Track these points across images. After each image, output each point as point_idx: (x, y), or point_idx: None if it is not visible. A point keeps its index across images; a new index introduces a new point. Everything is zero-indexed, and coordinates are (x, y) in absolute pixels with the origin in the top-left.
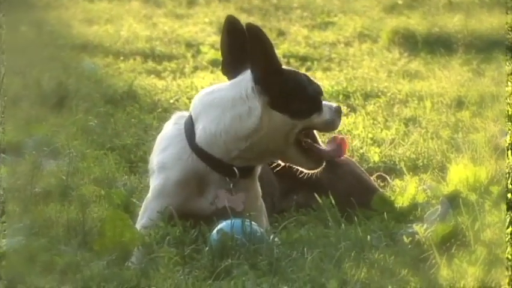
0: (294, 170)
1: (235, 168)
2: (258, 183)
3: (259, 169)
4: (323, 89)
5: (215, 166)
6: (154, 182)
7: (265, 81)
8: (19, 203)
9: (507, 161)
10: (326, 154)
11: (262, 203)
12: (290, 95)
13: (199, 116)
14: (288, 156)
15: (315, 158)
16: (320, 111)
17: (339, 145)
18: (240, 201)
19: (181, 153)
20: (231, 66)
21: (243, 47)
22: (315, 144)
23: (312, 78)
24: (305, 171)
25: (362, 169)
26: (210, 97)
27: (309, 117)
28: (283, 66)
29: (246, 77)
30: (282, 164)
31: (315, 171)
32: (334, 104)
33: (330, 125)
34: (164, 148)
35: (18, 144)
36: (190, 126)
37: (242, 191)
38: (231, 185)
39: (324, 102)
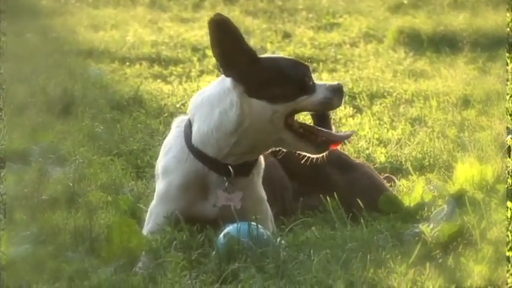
0: (308, 171)
1: (230, 167)
2: (261, 188)
3: (260, 169)
4: (310, 69)
5: (211, 166)
6: (158, 187)
7: (237, 71)
8: (26, 211)
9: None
10: (332, 136)
11: (267, 207)
12: (266, 81)
13: (194, 117)
14: (285, 143)
15: (315, 142)
16: (310, 93)
17: (350, 131)
18: (238, 199)
19: (180, 156)
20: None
21: (234, 43)
22: (319, 128)
23: (299, 61)
24: (309, 155)
25: (377, 173)
26: (201, 97)
27: (294, 100)
28: (264, 55)
29: None
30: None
31: (320, 155)
32: (333, 83)
33: (326, 105)
34: (167, 152)
35: (24, 151)
36: (188, 128)
37: (240, 189)
38: (226, 184)
39: (320, 82)
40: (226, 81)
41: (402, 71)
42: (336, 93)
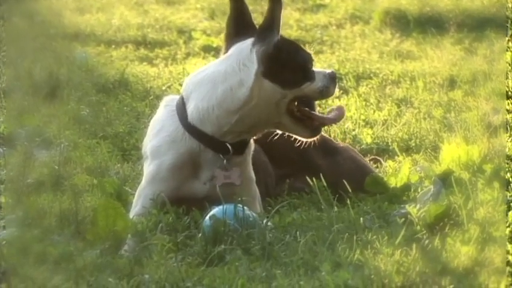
0: (292, 155)
1: (228, 145)
2: (251, 168)
3: (251, 149)
4: (312, 56)
5: (208, 143)
6: (148, 168)
7: (263, 50)
8: (12, 194)
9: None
10: (327, 120)
11: (256, 189)
12: (282, 63)
13: (191, 95)
14: (282, 126)
15: (311, 126)
16: (311, 80)
17: (339, 109)
18: (237, 175)
19: (174, 135)
20: (230, 39)
21: (244, 23)
22: (313, 112)
23: (301, 47)
24: (302, 139)
25: (361, 155)
26: (200, 75)
27: (300, 87)
28: None
29: (236, 51)
30: (279, 133)
31: (312, 139)
32: (328, 70)
33: (324, 93)
34: (158, 132)
35: (10, 135)
36: (181, 106)
37: (237, 166)
38: (225, 162)
39: (317, 69)
40: (235, 60)
41: (389, 52)
42: (333, 81)
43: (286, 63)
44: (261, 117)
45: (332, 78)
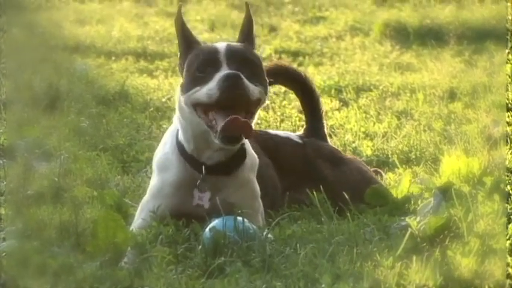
0: (299, 165)
1: (203, 166)
2: (254, 184)
3: (252, 167)
4: (210, 58)
5: (189, 162)
6: (152, 182)
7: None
8: (11, 206)
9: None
10: (222, 127)
11: (260, 203)
12: (186, 72)
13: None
14: (210, 138)
15: (220, 134)
16: (202, 84)
17: (227, 121)
18: (206, 199)
19: (171, 152)
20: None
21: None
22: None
23: (205, 52)
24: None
25: (367, 167)
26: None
27: (189, 91)
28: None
29: None
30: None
31: (232, 147)
32: (226, 72)
33: (211, 98)
34: (164, 145)
35: (10, 146)
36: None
37: (211, 189)
38: (198, 182)
39: (220, 73)
40: None
41: (389, 64)
42: (221, 83)
43: (187, 71)
44: (195, 130)
45: (220, 81)
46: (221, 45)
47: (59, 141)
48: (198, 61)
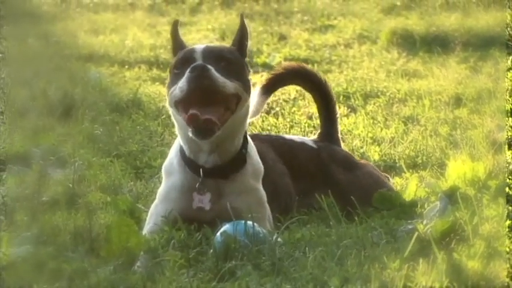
0: (313, 170)
1: (201, 168)
2: (259, 190)
3: (254, 173)
4: (187, 56)
5: (188, 165)
6: (161, 187)
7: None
8: (27, 212)
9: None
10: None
11: (266, 209)
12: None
13: None
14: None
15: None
16: (176, 83)
17: (188, 115)
18: (207, 201)
19: (178, 156)
20: None
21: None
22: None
23: (185, 52)
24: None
25: (380, 172)
26: None
27: (169, 91)
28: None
29: None
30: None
31: (204, 140)
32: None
33: (183, 92)
34: (172, 150)
35: (25, 154)
36: None
37: (212, 192)
38: (197, 185)
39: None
40: None
41: (396, 71)
42: (188, 79)
43: (169, 72)
44: (183, 130)
45: (188, 73)
46: (200, 46)
47: (74, 148)
48: (176, 61)
